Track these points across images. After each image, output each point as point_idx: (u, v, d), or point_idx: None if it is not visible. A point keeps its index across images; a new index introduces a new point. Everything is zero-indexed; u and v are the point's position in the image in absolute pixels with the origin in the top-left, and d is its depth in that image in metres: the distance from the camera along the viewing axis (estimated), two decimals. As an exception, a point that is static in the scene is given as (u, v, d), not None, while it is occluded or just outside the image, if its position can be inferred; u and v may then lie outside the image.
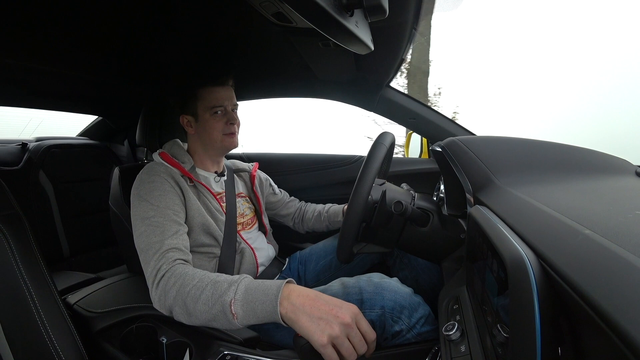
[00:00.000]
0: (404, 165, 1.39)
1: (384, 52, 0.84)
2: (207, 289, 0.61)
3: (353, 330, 0.53)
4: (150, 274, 0.69)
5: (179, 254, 0.71)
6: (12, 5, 0.59)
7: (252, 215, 1.05)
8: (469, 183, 0.64)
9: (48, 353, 0.59)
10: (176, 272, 0.66)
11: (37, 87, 1.15)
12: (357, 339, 0.54)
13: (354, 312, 0.55)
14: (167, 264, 0.68)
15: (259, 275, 0.96)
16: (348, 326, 0.53)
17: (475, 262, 0.53)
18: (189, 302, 0.61)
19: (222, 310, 0.58)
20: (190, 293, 0.62)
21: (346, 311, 0.55)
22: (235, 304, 0.58)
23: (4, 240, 0.61)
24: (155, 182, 0.80)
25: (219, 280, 0.62)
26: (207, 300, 0.60)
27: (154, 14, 0.68)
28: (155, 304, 0.67)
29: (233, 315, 0.58)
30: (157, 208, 0.76)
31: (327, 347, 0.52)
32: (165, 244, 0.71)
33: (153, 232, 0.73)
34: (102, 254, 1.68)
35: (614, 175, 0.63)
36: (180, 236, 0.75)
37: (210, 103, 0.90)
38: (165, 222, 0.75)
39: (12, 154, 1.49)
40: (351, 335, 0.53)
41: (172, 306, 0.64)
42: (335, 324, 0.53)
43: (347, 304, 0.57)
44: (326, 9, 0.34)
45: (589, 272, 0.27)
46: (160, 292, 0.66)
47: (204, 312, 0.60)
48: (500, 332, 0.37)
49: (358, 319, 0.55)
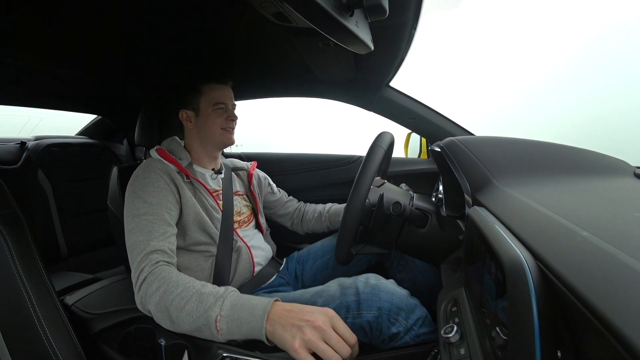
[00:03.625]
0: (403, 165, 1.39)
1: (384, 52, 0.84)
2: (191, 300, 0.61)
3: (327, 332, 0.53)
4: (134, 275, 0.69)
5: (163, 256, 0.71)
6: (12, 5, 0.59)
7: (249, 213, 1.05)
8: (468, 184, 0.64)
9: (46, 354, 0.59)
10: (159, 275, 0.66)
11: (37, 87, 1.14)
12: (334, 340, 0.53)
13: (327, 315, 0.55)
14: (149, 265, 0.68)
15: (255, 275, 0.96)
16: (320, 329, 0.53)
17: (474, 264, 0.52)
18: (173, 311, 0.62)
19: (207, 324, 0.59)
20: (174, 302, 0.62)
21: (318, 314, 0.55)
22: (221, 320, 0.58)
23: (1, 239, 0.61)
24: (150, 178, 0.80)
25: (204, 292, 0.62)
26: (191, 311, 0.60)
27: (154, 13, 0.67)
28: (137, 305, 0.68)
29: (218, 331, 0.58)
30: (149, 205, 0.76)
31: (300, 351, 0.52)
32: (151, 245, 0.71)
33: (140, 230, 0.73)
34: (101, 254, 1.67)
35: (613, 176, 0.63)
36: (167, 238, 0.75)
37: (213, 99, 0.93)
38: (155, 221, 0.75)
39: (11, 153, 1.48)
40: (327, 337, 0.53)
41: (153, 311, 0.64)
42: (306, 328, 0.53)
43: (322, 309, 0.57)
44: (326, 9, 0.34)
45: (587, 275, 0.27)
46: (142, 294, 0.66)
47: (187, 323, 0.60)
48: (499, 335, 0.37)
49: (334, 322, 0.55)
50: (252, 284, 0.94)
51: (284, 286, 1.01)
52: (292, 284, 1.04)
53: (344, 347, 0.53)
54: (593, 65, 1.98)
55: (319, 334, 0.53)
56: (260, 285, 0.96)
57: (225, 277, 0.86)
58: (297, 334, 0.53)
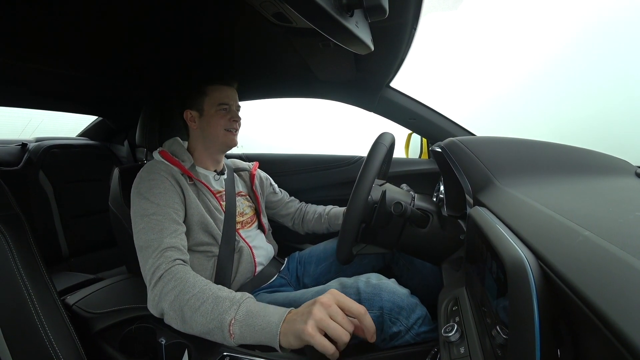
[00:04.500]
0: (403, 166, 1.39)
1: (384, 52, 0.84)
2: (207, 302, 0.61)
3: (331, 307, 0.53)
4: (148, 272, 0.68)
5: (178, 253, 0.71)
6: (12, 5, 0.59)
7: (252, 214, 1.05)
8: (469, 184, 0.64)
9: (47, 353, 0.59)
10: (177, 275, 0.66)
11: (37, 87, 1.15)
12: (339, 317, 0.53)
13: (332, 293, 0.56)
14: (166, 263, 0.68)
15: (257, 275, 0.96)
16: (325, 304, 0.53)
17: (475, 263, 0.52)
18: (187, 311, 0.61)
19: (220, 327, 0.59)
20: (189, 302, 0.62)
21: (323, 295, 0.56)
22: (235, 324, 0.58)
23: (3, 240, 0.61)
24: (156, 179, 0.80)
25: (220, 296, 0.62)
26: (206, 313, 0.60)
27: (154, 14, 0.68)
28: (149, 303, 0.67)
29: (230, 335, 0.58)
30: (156, 206, 0.76)
31: (315, 335, 0.51)
32: (164, 242, 0.71)
33: (152, 229, 0.73)
34: (102, 255, 1.68)
35: (614, 176, 0.63)
36: (179, 235, 0.75)
37: (217, 100, 0.93)
38: (164, 221, 0.75)
39: (12, 154, 1.49)
40: (332, 313, 0.53)
41: (166, 309, 0.64)
42: (314, 308, 0.53)
43: (326, 291, 0.58)
44: (326, 9, 0.34)
45: (589, 274, 0.27)
46: (157, 292, 0.65)
47: (200, 324, 0.60)
48: (499, 334, 0.37)
49: (338, 298, 0.56)
50: (254, 284, 0.94)
51: (285, 286, 1.01)
52: (293, 284, 1.04)
53: (348, 322, 0.54)
54: (593, 66, 1.97)
55: (325, 310, 0.53)
56: (261, 285, 0.96)
57: (227, 276, 0.86)
58: (307, 318, 0.53)
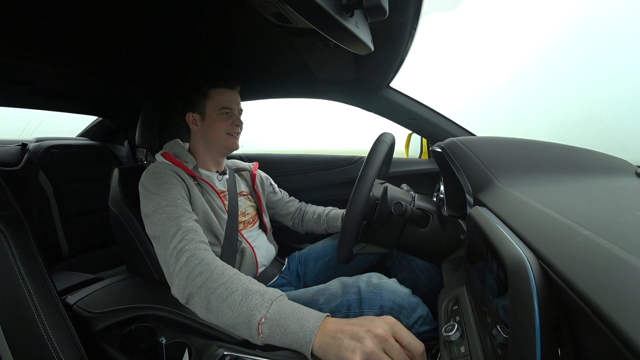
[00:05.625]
0: (403, 166, 1.39)
1: (384, 52, 0.84)
2: (236, 292, 0.58)
3: (388, 342, 0.48)
4: (170, 257, 0.67)
5: (198, 235, 0.71)
6: (13, 4, 0.59)
7: (254, 213, 1.05)
8: (469, 184, 0.64)
9: (47, 353, 0.59)
10: (204, 260, 0.64)
11: (37, 87, 1.15)
12: (396, 352, 0.47)
13: (389, 323, 0.50)
14: (189, 244, 0.67)
15: (258, 275, 0.96)
16: (382, 339, 0.48)
17: (475, 263, 0.52)
18: (213, 300, 0.59)
19: (248, 324, 0.55)
20: (217, 290, 0.59)
21: (379, 322, 0.50)
22: (265, 323, 0.54)
23: (3, 240, 0.61)
24: (162, 177, 0.81)
25: (250, 288, 0.59)
26: (233, 305, 0.57)
27: (154, 14, 0.68)
28: (173, 288, 0.64)
29: (258, 334, 0.54)
30: (168, 198, 0.76)
31: None
32: (183, 227, 0.71)
33: (167, 218, 0.72)
34: (102, 255, 1.68)
35: (614, 175, 0.63)
36: (195, 222, 0.75)
37: (220, 104, 0.93)
38: (179, 210, 0.75)
39: (12, 155, 1.49)
40: (388, 349, 0.47)
41: (193, 294, 0.61)
42: (368, 339, 0.47)
43: (381, 317, 0.51)
44: (326, 9, 0.34)
45: (589, 274, 0.27)
46: (184, 275, 0.63)
47: (226, 316, 0.57)
48: (500, 333, 0.37)
49: (396, 330, 0.50)
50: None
51: (286, 286, 1.01)
52: (294, 284, 1.05)
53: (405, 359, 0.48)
54: (593, 66, 1.98)
55: (382, 345, 0.48)
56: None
57: None
58: (357, 347, 0.47)
